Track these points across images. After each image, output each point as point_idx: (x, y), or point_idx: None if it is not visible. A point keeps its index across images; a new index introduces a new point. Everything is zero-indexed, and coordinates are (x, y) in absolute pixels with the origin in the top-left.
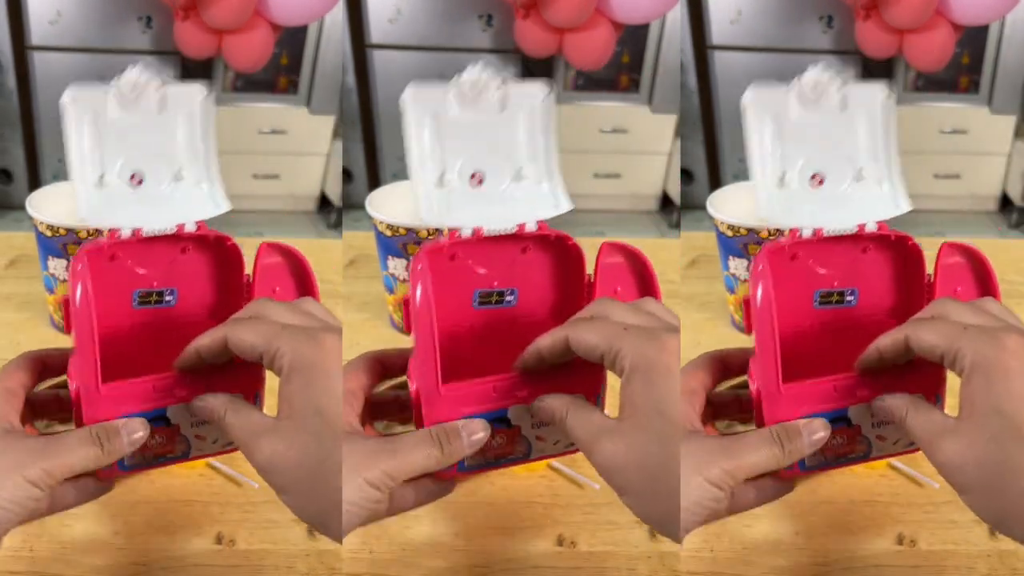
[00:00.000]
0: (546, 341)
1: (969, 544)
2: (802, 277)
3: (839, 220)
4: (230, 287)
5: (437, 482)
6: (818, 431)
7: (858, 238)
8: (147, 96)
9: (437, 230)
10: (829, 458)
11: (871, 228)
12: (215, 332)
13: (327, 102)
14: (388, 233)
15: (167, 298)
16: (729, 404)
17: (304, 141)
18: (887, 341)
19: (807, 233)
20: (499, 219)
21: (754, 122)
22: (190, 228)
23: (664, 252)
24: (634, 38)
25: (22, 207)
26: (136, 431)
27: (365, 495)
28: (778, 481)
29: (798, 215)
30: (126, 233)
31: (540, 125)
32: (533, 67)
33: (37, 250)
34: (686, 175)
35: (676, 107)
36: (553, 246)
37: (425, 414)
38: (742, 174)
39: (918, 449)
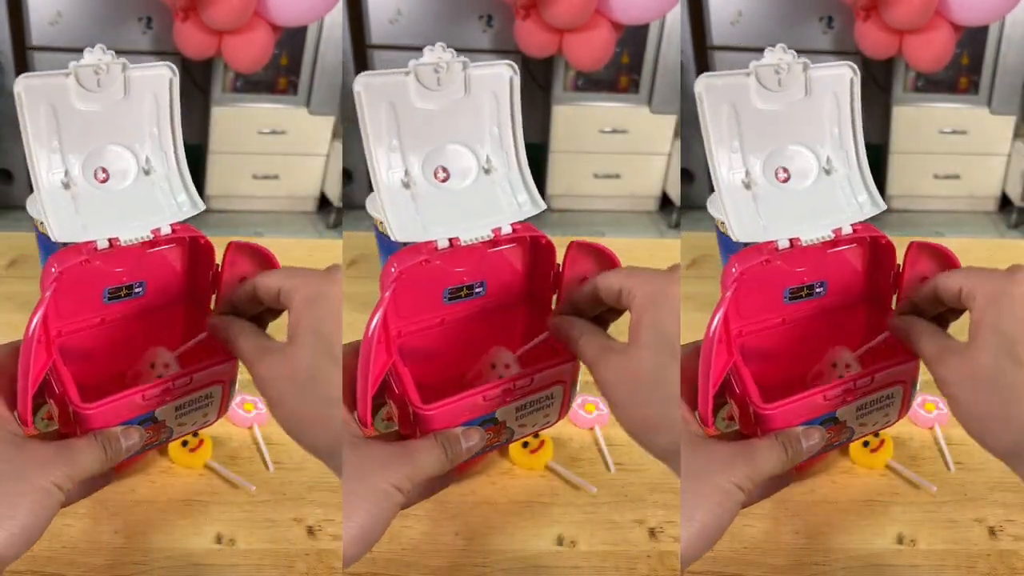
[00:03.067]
0: (577, 290)
1: (969, 544)
2: (775, 278)
3: (814, 228)
4: (198, 278)
5: (440, 478)
6: (813, 438)
7: (834, 241)
8: (110, 80)
9: None
10: (817, 451)
11: (846, 231)
12: (245, 283)
13: (327, 103)
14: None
15: (136, 290)
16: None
17: (304, 141)
18: (921, 293)
19: (784, 244)
20: (472, 225)
21: (711, 114)
22: (165, 231)
23: (664, 252)
24: (634, 38)
25: (22, 207)
26: (131, 438)
27: (393, 500)
28: (778, 477)
29: (771, 226)
30: (103, 244)
31: (506, 111)
32: (533, 68)
33: (38, 250)
34: (686, 175)
35: (676, 107)
36: (525, 240)
37: (422, 430)
38: None
39: (893, 423)
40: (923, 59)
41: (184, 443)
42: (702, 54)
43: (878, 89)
